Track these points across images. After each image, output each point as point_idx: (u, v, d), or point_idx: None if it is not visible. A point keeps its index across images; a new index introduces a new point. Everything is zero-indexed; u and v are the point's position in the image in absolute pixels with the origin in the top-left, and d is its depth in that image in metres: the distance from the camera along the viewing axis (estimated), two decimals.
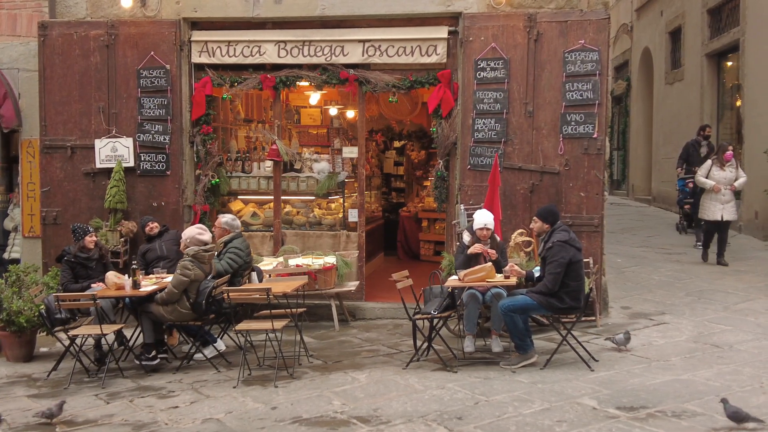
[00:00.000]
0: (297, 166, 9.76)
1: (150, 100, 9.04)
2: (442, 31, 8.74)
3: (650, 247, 12.16)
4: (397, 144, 14.34)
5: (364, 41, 8.83)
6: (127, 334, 7.70)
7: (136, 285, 7.29)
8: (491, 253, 7.12)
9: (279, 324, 6.86)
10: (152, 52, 8.99)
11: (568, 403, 5.70)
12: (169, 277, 7.42)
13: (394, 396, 6.08)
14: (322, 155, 10.13)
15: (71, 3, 9.30)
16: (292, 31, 8.98)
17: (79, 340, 7.30)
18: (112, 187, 8.89)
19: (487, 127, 8.50)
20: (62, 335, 7.49)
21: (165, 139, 9.04)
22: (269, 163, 9.58)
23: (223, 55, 9.08)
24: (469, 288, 6.94)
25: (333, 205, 10.02)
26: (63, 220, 9.10)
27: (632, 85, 19.64)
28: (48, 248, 9.12)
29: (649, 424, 5.22)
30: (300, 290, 7.73)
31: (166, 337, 7.72)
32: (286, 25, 9.03)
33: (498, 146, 8.44)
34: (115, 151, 9.06)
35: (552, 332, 7.44)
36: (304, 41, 8.92)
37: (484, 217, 7.22)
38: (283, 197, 9.56)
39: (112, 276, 7.45)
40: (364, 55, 8.85)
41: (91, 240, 7.93)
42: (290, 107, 11.65)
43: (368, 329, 8.57)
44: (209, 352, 7.49)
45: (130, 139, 9.05)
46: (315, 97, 11.59)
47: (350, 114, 11.84)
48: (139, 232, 8.84)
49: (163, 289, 7.21)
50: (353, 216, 9.42)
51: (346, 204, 9.78)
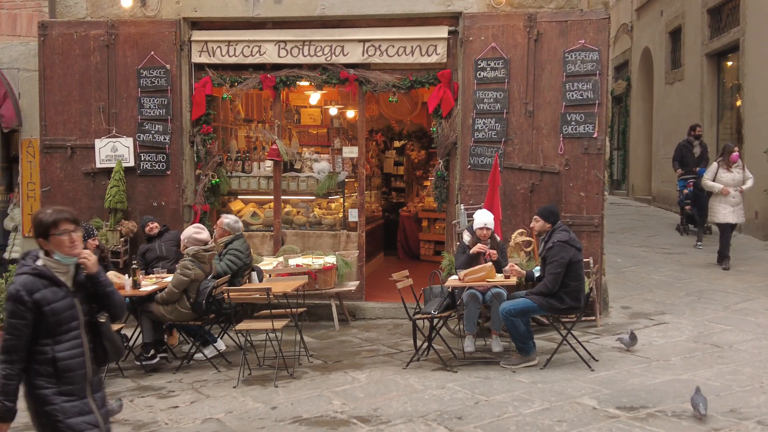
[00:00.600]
0: (297, 166, 9.76)
1: (150, 100, 9.04)
2: (442, 31, 8.74)
3: (650, 247, 12.16)
4: (397, 144, 14.35)
5: (364, 41, 8.83)
6: (127, 334, 7.70)
7: (136, 285, 7.29)
8: (492, 254, 7.12)
9: (279, 324, 6.86)
10: (152, 52, 8.99)
11: (568, 403, 5.70)
12: (169, 277, 7.42)
13: (394, 396, 6.08)
14: (322, 155, 10.13)
15: (71, 3, 9.30)
16: (292, 30, 8.98)
17: None
18: (112, 187, 8.89)
19: (487, 126, 8.50)
20: None
21: (165, 139, 9.05)
22: (269, 163, 9.58)
23: (223, 55, 9.09)
24: (469, 288, 6.94)
25: (333, 205, 10.02)
26: None
27: (632, 85, 19.64)
28: None
29: (649, 424, 5.22)
30: (300, 290, 7.73)
31: (166, 336, 7.72)
32: (286, 25, 9.03)
33: (498, 146, 8.44)
34: (115, 150, 9.06)
35: (552, 332, 7.44)
36: (304, 41, 8.92)
37: (484, 217, 7.22)
38: (283, 197, 9.56)
39: (112, 276, 7.44)
40: (364, 55, 8.85)
41: (93, 244, 7.94)
42: (290, 107, 11.65)
43: (368, 329, 8.57)
44: (209, 351, 7.49)
45: (130, 139, 9.05)
46: (315, 97, 11.59)
47: (350, 114, 11.85)
48: (139, 231, 8.85)
49: (163, 289, 7.22)
50: (353, 216, 9.42)
51: (346, 204, 9.78)
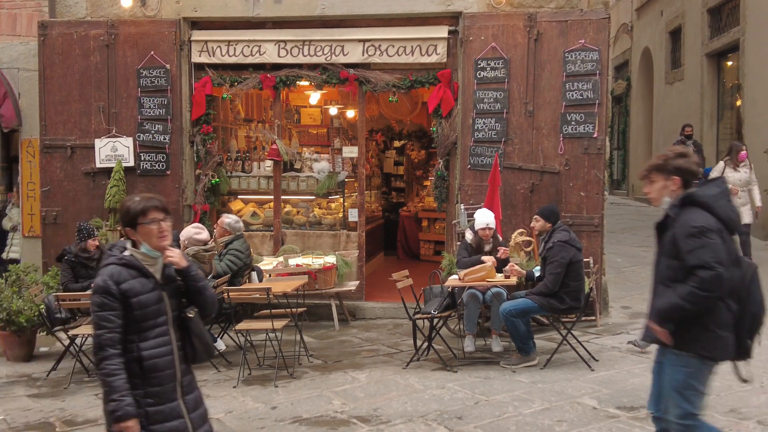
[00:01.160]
0: (297, 166, 9.76)
1: (150, 100, 9.04)
2: (442, 31, 8.74)
3: (650, 247, 12.08)
4: (397, 144, 14.35)
5: (364, 41, 8.83)
6: None
7: None
8: (505, 251, 7.17)
9: (279, 324, 6.86)
10: (152, 52, 8.99)
11: (568, 403, 5.70)
12: None
13: (394, 396, 6.08)
14: (322, 155, 10.12)
15: (71, 3, 9.30)
16: (292, 30, 8.98)
17: (79, 340, 7.30)
18: (112, 187, 8.89)
19: (487, 126, 8.50)
20: (62, 335, 7.48)
21: (165, 139, 9.04)
22: (269, 163, 9.57)
23: (223, 55, 9.08)
24: (470, 288, 6.94)
25: (333, 205, 10.02)
26: (63, 219, 9.10)
27: (632, 85, 19.64)
28: (48, 248, 9.12)
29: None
30: (300, 290, 7.72)
31: None
32: (286, 25, 9.03)
33: (498, 146, 8.44)
34: (115, 150, 9.06)
35: (552, 332, 7.44)
36: (304, 41, 8.92)
37: (485, 217, 7.24)
38: (283, 197, 9.55)
39: None
40: (364, 55, 8.85)
41: (93, 244, 7.93)
42: (290, 107, 11.65)
43: (368, 329, 8.57)
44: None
45: (130, 139, 9.05)
46: (315, 97, 11.59)
47: (350, 114, 11.84)
48: None
49: None
50: (353, 216, 9.41)
51: (346, 204, 9.78)
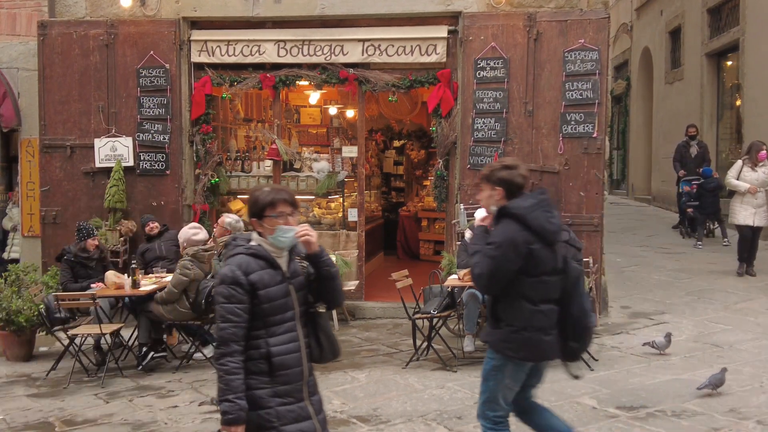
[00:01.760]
0: (296, 166, 9.76)
1: (149, 100, 9.03)
2: (442, 31, 8.73)
3: (650, 247, 12.15)
4: (396, 143, 14.34)
5: (364, 40, 8.82)
6: (126, 334, 7.69)
7: (136, 284, 7.29)
8: None
9: None
10: (152, 52, 8.98)
11: (568, 403, 5.69)
12: (169, 277, 7.42)
13: (394, 395, 6.08)
14: (322, 155, 10.12)
15: (71, 2, 9.29)
16: (291, 30, 8.98)
17: (78, 340, 7.29)
18: (111, 187, 8.88)
19: (486, 126, 8.49)
20: (61, 335, 7.48)
21: (164, 139, 9.04)
22: (269, 163, 9.57)
23: (222, 55, 9.08)
24: (469, 287, 6.93)
25: (333, 205, 10.02)
26: (62, 219, 9.10)
27: (632, 85, 19.64)
28: (47, 248, 9.11)
29: (648, 424, 5.22)
30: None
31: (165, 336, 7.72)
32: (285, 25, 9.02)
33: (498, 146, 8.44)
34: (114, 150, 9.05)
35: None
36: (304, 41, 8.91)
37: None
38: None
39: (111, 275, 7.44)
40: (363, 55, 8.84)
41: (93, 243, 7.93)
42: (290, 106, 11.65)
43: (368, 329, 8.57)
44: (208, 351, 7.48)
45: (130, 139, 9.04)
46: (315, 97, 11.59)
47: (350, 113, 11.84)
48: (139, 231, 8.84)
49: (163, 289, 7.21)
50: (353, 215, 9.41)
51: (345, 203, 9.78)
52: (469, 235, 7.32)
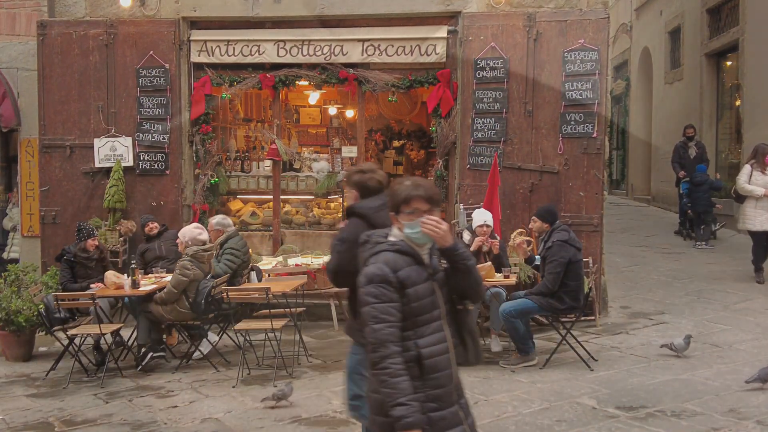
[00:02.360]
0: (296, 166, 9.76)
1: (149, 100, 9.03)
2: (442, 31, 8.73)
3: (650, 247, 12.16)
4: (396, 143, 14.29)
5: (364, 40, 8.82)
6: (126, 334, 7.68)
7: (135, 284, 7.28)
8: (493, 243, 7.15)
9: (278, 323, 6.86)
10: (151, 52, 8.98)
11: (568, 403, 5.69)
12: (168, 277, 7.42)
13: None
14: (322, 155, 10.12)
15: (70, 2, 9.29)
16: (291, 30, 8.97)
17: (78, 340, 7.29)
18: (111, 187, 8.88)
19: (486, 126, 8.49)
20: (61, 335, 7.47)
21: (164, 139, 9.03)
22: (268, 163, 9.56)
23: (222, 55, 9.07)
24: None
25: (332, 205, 10.02)
26: (62, 219, 9.09)
27: (631, 85, 19.64)
28: (47, 247, 9.11)
29: (648, 424, 5.22)
30: (299, 290, 7.72)
31: (165, 336, 7.72)
32: (285, 25, 9.02)
33: (497, 146, 8.44)
34: (114, 150, 9.05)
35: (552, 332, 7.43)
36: (304, 40, 8.91)
37: (483, 215, 7.28)
38: (282, 197, 9.55)
39: (111, 275, 7.44)
40: (363, 55, 8.84)
41: (92, 243, 7.93)
42: (289, 106, 11.64)
43: None
44: (204, 347, 7.50)
45: (129, 139, 9.04)
46: (314, 97, 11.58)
47: (349, 113, 11.84)
48: (138, 231, 8.84)
49: (162, 289, 7.21)
50: None
51: (345, 203, 9.77)
52: (467, 237, 7.34)
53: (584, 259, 7.24)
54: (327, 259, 8.70)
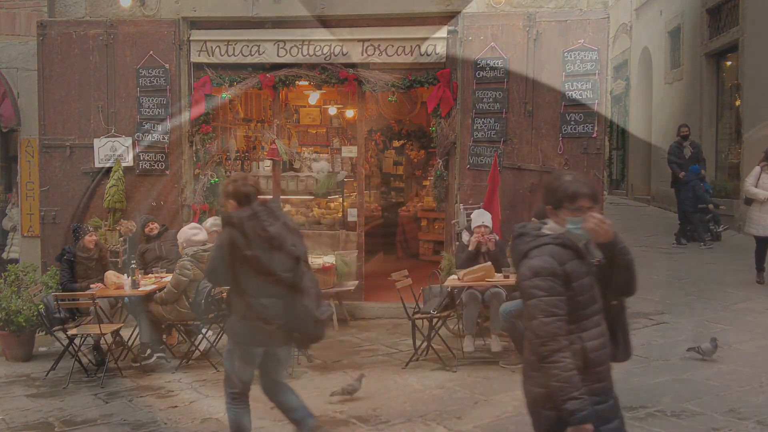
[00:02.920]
0: (296, 166, 9.76)
1: (149, 100, 9.03)
2: (442, 31, 8.73)
3: (650, 247, 12.15)
4: (396, 143, 14.30)
5: (364, 40, 8.82)
6: (126, 334, 7.68)
7: (135, 284, 7.28)
8: (490, 242, 7.15)
9: None
10: (151, 52, 8.98)
11: None
12: (168, 277, 7.42)
13: (394, 396, 6.08)
14: (322, 155, 10.13)
15: (70, 2, 9.29)
16: (291, 30, 8.97)
17: (77, 340, 7.29)
18: (111, 187, 8.88)
19: (486, 126, 8.49)
20: (61, 335, 7.47)
21: (164, 139, 9.03)
22: (268, 163, 9.57)
23: (222, 55, 9.07)
24: (469, 287, 6.94)
25: (332, 205, 10.02)
26: (62, 219, 9.09)
27: (631, 85, 19.64)
28: (47, 247, 9.11)
29: (648, 424, 5.22)
30: None
31: (165, 336, 7.72)
32: (285, 25, 9.02)
33: (497, 146, 8.44)
34: (114, 150, 9.05)
35: None
36: (304, 40, 8.91)
37: (482, 216, 7.29)
38: (282, 196, 9.54)
39: (111, 275, 7.44)
40: (363, 55, 8.84)
41: (90, 240, 7.92)
42: (289, 106, 11.64)
43: (367, 329, 8.56)
44: (203, 346, 7.49)
45: (129, 139, 9.04)
46: (314, 97, 11.57)
47: (349, 113, 11.84)
48: (138, 231, 8.83)
49: (162, 289, 7.21)
50: (352, 215, 9.40)
51: (345, 203, 9.78)
52: (467, 238, 7.34)
53: None
54: (327, 259, 8.76)
